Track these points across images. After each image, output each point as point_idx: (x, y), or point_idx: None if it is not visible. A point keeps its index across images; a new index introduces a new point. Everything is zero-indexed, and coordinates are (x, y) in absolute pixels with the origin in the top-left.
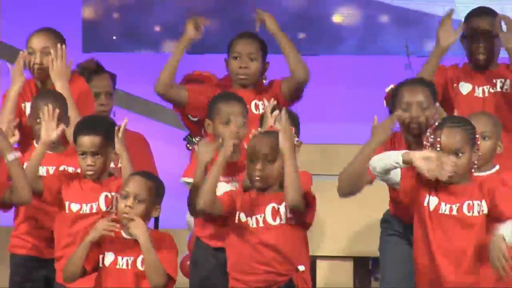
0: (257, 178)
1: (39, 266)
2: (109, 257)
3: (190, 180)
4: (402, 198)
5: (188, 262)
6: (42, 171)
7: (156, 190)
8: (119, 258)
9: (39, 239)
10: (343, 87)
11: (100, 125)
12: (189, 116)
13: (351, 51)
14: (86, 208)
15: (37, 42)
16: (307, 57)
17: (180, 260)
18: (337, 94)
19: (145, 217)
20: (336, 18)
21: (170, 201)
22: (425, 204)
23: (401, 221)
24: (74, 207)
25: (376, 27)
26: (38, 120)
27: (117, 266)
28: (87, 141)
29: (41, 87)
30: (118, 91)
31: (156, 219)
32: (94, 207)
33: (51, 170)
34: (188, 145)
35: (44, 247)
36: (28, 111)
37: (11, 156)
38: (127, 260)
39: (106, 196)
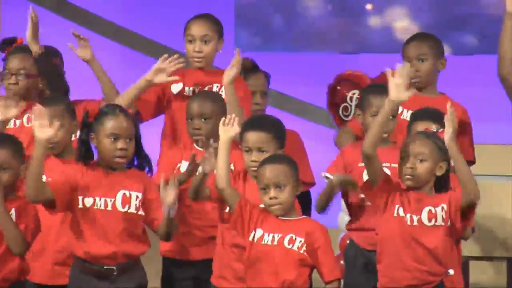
0: (408, 176)
1: (187, 266)
2: (257, 234)
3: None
4: None
5: (342, 262)
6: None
7: (292, 171)
8: (266, 234)
9: (186, 241)
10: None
11: (267, 122)
12: (341, 115)
13: None
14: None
15: (197, 30)
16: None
17: None
18: (490, 93)
19: (292, 200)
20: None
21: None
22: None
23: None
24: None
25: None
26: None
27: (263, 242)
28: (253, 137)
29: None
30: (271, 91)
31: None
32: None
33: None
34: None
35: (191, 248)
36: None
37: None
38: (273, 236)
39: None
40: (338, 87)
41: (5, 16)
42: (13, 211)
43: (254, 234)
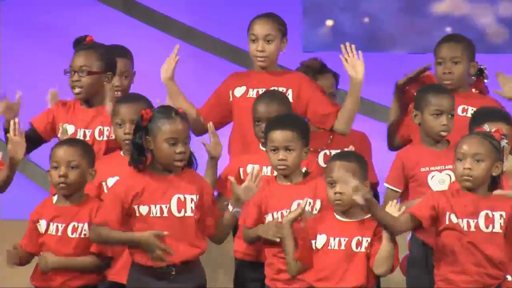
0: (466, 177)
1: (260, 268)
2: (321, 240)
3: (390, 186)
4: None
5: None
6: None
7: (361, 170)
8: (331, 239)
9: (259, 243)
10: None
11: (292, 121)
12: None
13: None
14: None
15: (260, 29)
16: None
17: (401, 259)
18: None
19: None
20: None
21: None
22: None
23: None
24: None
25: None
26: None
27: (329, 247)
28: (280, 136)
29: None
30: (340, 91)
31: None
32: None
33: None
34: None
35: (260, 251)
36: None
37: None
38: (339, 241)
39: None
40: (407, 87)
41: (75, 16)
42: (86, 226)
43: (316, 241)
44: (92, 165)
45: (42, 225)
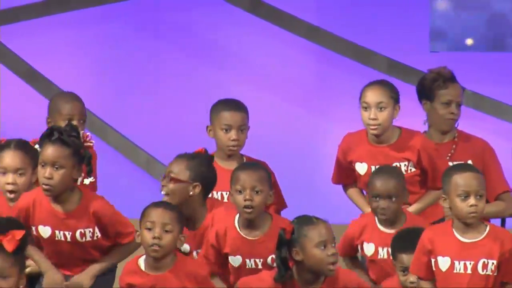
0: None
1: None
2: (445, 263)
3: None
4: None
5: None
6: None
7: (484, 182)
8: (456, 262)
9: None
10: None
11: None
12: None
13: None
14: None
15: (372, 97)
16: None
17: None
18: None
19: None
20: None
21: None
22: None
23: None
24: None
25: None
26: None
27: (455, 271)
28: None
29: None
30: (466, 91)
31: None
32: None
33: None
34: None
35: None
36: None
37: None
38: (465, 264)
39: None
40: None
41: (202, 16)
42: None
43: (437, 263)
44: (182, 231)
45: None
